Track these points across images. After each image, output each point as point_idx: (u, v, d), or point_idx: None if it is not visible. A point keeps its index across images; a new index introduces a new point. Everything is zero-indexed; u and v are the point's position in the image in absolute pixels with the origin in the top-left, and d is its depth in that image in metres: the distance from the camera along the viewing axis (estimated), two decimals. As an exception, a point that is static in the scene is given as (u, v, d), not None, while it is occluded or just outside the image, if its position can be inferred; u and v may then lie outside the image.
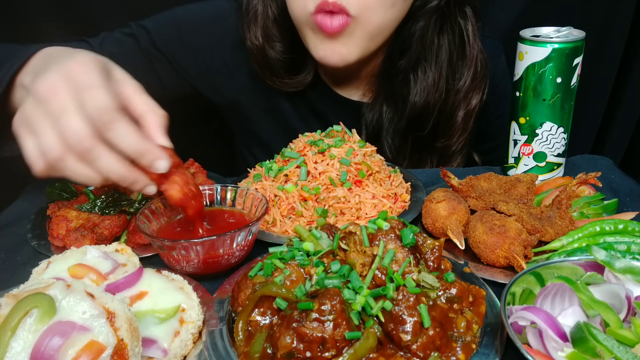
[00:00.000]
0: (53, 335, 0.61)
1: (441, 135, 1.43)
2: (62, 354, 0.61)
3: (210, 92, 1.48)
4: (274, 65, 1.37)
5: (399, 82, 1.36)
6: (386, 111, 1.41)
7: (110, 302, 0.67)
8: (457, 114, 1.39)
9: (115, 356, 0.62)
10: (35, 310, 0.63)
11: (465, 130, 1.42)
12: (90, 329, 0.63)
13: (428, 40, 1.31)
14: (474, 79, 1.36)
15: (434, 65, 1.33)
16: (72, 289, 0.66)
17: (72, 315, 0.64)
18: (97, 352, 0.61)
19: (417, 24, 1.29)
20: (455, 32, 1.33)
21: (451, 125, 1.41)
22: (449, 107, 1.38)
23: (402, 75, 1.35)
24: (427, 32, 1.29)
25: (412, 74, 1.34)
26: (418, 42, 1.30)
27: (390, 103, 1.40)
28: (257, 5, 1.33)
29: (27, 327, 0.62)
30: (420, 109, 1.36)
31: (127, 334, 0.64)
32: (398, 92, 1.37)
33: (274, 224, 1.07)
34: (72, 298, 0.65)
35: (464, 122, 1.40)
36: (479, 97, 1.39)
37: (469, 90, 1.37)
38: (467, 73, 1.35)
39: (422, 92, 1.34)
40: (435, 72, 1.33)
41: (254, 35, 1.34)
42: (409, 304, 0.70)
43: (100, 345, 0.62)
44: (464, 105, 1.38)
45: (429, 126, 1.39)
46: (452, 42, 1.33)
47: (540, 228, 0.98)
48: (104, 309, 0.65)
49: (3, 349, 0.60)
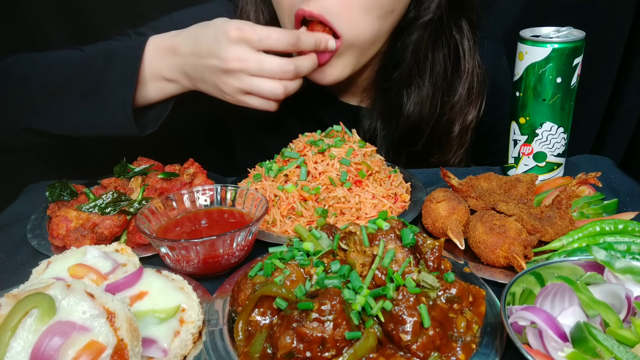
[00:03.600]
0: (53, 335, 0.61)
1: (436, 151, 1.42)
2: (62, 354, 0.61)
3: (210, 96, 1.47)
4: None
5: (393, 95, 1.35)
6: (380, 126, 1.40)
7: (110, 302, 0.67)
8: (453, 129, 1.37)
9: (115, 356, 0.62)
10: (35, 310, 0.63)
11: (462, 146, 1.41)
12: (90, 329, 0.63)
13: (422, 54, 1.29)
14: (470, 94, 1.35)
15: (428, 79, 1.32)
16: (72, 289, 0.66)
17: (72, 315, 0.64)
18: (97, 352, 0.61)
19: (410, 37, 1.28)
20: (451, 46, 1.31)
21: (447, 141, 1.39)
22: (443, 122, 1.37)
23: (396, 89, 1.34)
24: (420, 46, 1.28)
25: (406, 89, 1.33)
26: (412, 56, 1.29)
27: (386, 116, 1.39)
28: (249, 11, 1.34)
29: (27, 327, 0.62)
30: (413, 123, 1.35)
31: (127, 334, 0.64)
32: (392, 104, 1.36)
33: (274, 224, 1.07)
34: (72, 298, 0.65)
35: (460, 136, 1.39)
36: (475, 112, 1.37)
37: (464, 105, 1.35)
38: (462, 88, 1.34)
39: (415, 106, 1.33)
40: (429, 86, 1.32)
41: None
42: (409, 304, 0.70)
43: (100, 345, 0.62)
44: (460, 121, 1.37)
45: (421, 141, 1.38)
46: (447, 57, 1.31)
47: (540, 228, 0.98)
48: (104, 309, 0.65)
49: (3, 349, 0.60)
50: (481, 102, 1.38)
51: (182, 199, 1.05)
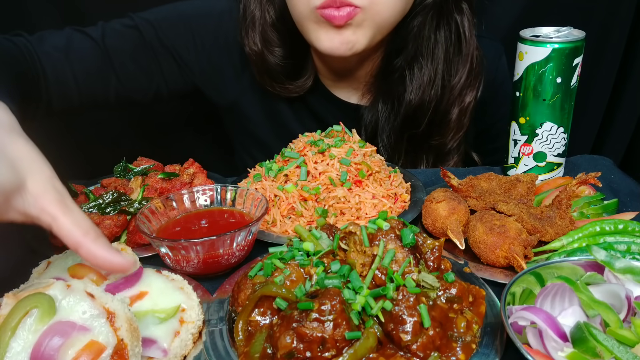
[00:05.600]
0: (53, 335, 0.61)
1: (436, 132, 1.42)
2: (62, 354, 0.61)
3: (211, 92, 1.47)
4: (274, 71, 1.36)
5: (396, 79, 1.35)
6: (382, 109, 1.40)
7: (110, 302, 0.67)
8: (452, 112, 1.38)
9: (115, 356, 0.62)
10: (35, 310, 0.63)
11: (461, 129, 1.41)
12: (90, 329, 0.63)
13: (425, 37, 1.30)
14: (469, 75, 1.35)
15: (430, 62, 1.32)
16: (72, 289, 0.66)
17: (72, 315, 0.64)
18: (97, 352, 0.61)
19: (414, 21, 1.28)
20: (452, 28, 1.32)
21: (446, 123, 1.40)
22: (443, 104, 1.37)
23: (398, 73, 1.35)
24: (423, 29, 1.29)
25: (408, 71, 1.33)
26: (415, 39, 1.29)
27: (387, 101, 1.39)
28: (255, 11, 1.32)
29: (27, 327, 0.62)
30: (415, 107, 1.35)
31: (127, 334, 0.64)
32: (394, 90, 1.37)
33: (274, 224, 1.07)
34: (72, 298, 0.65)
35: (458, 119, 1.39)
36: (473, 94, 1.38)
37: (463, 87, 1.36)
38: (463, 70, 1.34)
39: (417, 90, 1.33)
40: (432, 69, 1.32)
41: (252, 41, 1.33)
42: (409, 304, 0.70)
43: (100, 345, 0.62)
44: (458, 103, 1.37)
45: (423, 124, 1.38)
46: (449, 39, 1.32)
47: (540, 228, 0.98)
48: (104, 309, 0.65)
49: (3, 349, 0.60)
50: (479, 84, 1.38)
51: (182, 199, 1.05)
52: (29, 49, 1.18)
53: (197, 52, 1.39)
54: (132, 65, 1.33)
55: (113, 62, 1.30)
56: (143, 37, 1.33)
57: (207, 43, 1.39)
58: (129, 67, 1.32)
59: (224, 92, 1.47)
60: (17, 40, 1.18)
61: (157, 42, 1.34)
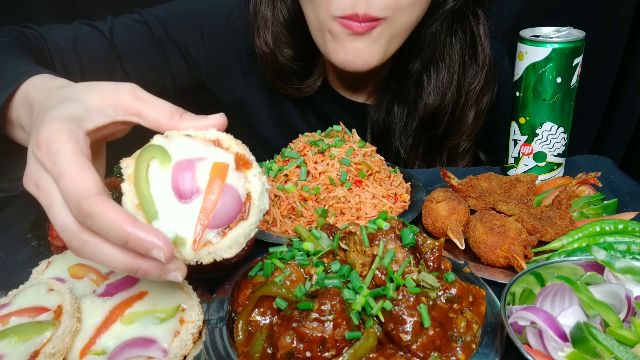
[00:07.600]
0: (181, 172, 0.65)
1: (452, 133, 1.43)
2: (199, 182, 0.65)
3: (218, 89, 1.46)
4: (284, 71, 1.35)
5: (411, 83, 1.36)
6: (397, 112, 1.41)
7: (208, 134, 0.70)
8: (469, 113, 1.39)
9: (239, 162, 0.68)
10: (154, 160, 0.66)
11: (474, 129, 1.43)
12: (207, 157, 0.67)
13: (441, 42, 1.31)
14: (486, 77, 1.37)
15: (447, 66, 1.33)
16: (170, 137, 0.68)
17: (185, 154, 0.67)
18: (224, 169, 0.66)
19: (432, 26, 1.29)
20: (467, 33, 1.33)
21: (463, 124, 1.41)
22: (461, 106, 1.38)
23: (414, 77, 1.35)
24: (440, 34, 1.29)
25: (426, 75, 1.34)
26: (431, 44, 1.30)
27: (402, 104, 1.40)
28: (266, 12, 1.31)
29: (156, 175, 0.65)
30: (434, 109, 1.36)
31: (236, 146, 0.69)
32: (407, 93, 1.37)
33: (274, 224, 1.07)
34: (174, 143, 0.68)
35: (475, 121, 1.41)
36: (489, 96, 1.40)
37: (480, 89, 1.37)
38: (480, 73, 1.35)
39: (435, 93, 1.34)
40: (449, 72, 1.33)
41: (263, 41, 1.32)
42: (409, 304, 0.70)
43: (223, 163, 0.67)
44: (475, 104, 1.38)
45: (442, 125, 1.39)
46: (464, 43, 1.33)
47: (540, 228, 0.98)
48: (205, 139, 0.69)
49: (149, 197, 0.63)
50: (494, 85, 1.40)
51: (182, 198, 1.05)
52: (38, 39, 1.18)
53: (205, 49, 1.38)
54: (140, 59, 1.32)
55: (120, 55, 1.29)
56: (152, 33, 1.32)
57: (215, 40, 1.38)
58: (136, 61, 1.32)
59: (231, 90, 1.46)
60: (26, 31, 1.18)
61: (166, 37, 1.34)
